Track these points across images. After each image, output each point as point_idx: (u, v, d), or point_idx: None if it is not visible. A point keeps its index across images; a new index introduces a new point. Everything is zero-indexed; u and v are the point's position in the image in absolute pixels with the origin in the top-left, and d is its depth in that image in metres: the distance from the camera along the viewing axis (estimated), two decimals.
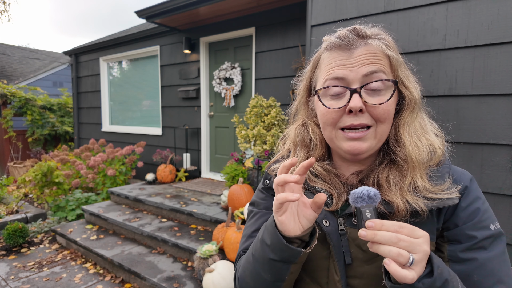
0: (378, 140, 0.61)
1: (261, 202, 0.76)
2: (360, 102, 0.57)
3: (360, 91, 0.58)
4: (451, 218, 0.59)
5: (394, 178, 0.60)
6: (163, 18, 3.96)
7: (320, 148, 0.69)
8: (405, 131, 0.62)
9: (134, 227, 3.07)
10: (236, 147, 4.27)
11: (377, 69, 0.58)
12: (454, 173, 0.62)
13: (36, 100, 7.13)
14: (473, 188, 0.61)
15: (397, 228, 0.47)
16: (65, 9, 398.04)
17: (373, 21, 1.99)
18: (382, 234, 0.47)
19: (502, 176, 1.65)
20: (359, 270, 0.60)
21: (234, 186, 2.92)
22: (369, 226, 0.48)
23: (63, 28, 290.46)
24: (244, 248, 0.73)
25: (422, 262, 0.46)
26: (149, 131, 5.21)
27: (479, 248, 0.57)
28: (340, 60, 0.60)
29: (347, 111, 0.59)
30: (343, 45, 0.60)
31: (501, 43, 1.62)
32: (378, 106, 0.58)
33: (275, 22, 3.61)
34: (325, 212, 0.63)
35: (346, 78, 0.59)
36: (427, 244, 0.47)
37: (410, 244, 0.46)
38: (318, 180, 0.67)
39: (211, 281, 2.05)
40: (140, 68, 5.39)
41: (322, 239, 0.64)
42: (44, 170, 3.93)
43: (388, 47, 0.60)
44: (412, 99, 0.62)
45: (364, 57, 0.58)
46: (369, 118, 0.59)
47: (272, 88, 3.70)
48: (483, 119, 1.69)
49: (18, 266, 2.81)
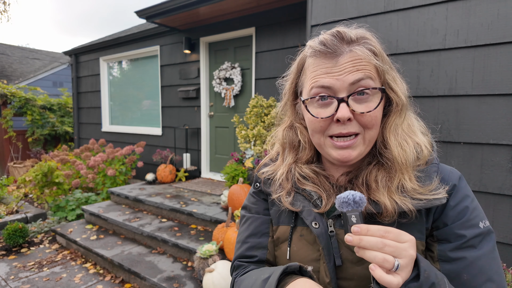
0: (367, 146, 0.61)
1: (252, 207, 0.76)
2: (348, 111, 0.57)
3: (348, 100, 0.57)
4: (440, 217, 0.59)
5: (382, 178, 0.60)
6: (163, 18, 3.96)
7: (309, 151, 0.69)
8: (392, 134, 0.61)
9: (134, 227, 3.07)
10: (236, 147, 4.27)
11: (363, 76, 0.57)
12: (442, 171, 0.62)
13: (36, 100, 7.13)
14: (462, 186, 0.61)
15: (383, 233, 0.48)
16: (67, 8, 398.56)
17: (373, 21, 2.00)
18: (367, 240, 0.47)
19: (502, 176, 1.65)
20: (350, 272, 0.60)
21: (234, 186, 2.92)
22: (355, 231, 0.48)
23: (64, 28, 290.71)
24: (239, 255, 0.73)
25: (408, 267, 0.47)
26: (149, 131, 5.21)
27: (468, 247, 0.57)
28: (325, 68, 0.58)
29: (335, 120, 0.58)
30: (328, 52, 0.58)
31: (501, 43, 1.62)
32: (366, 113, 0.57)
33: (275, 22, 3.61)
34: (314, 214, 0.63)
35: (332, 87, 0.58)
36: (413, 248, 0.48)
37: (395, 250, 0.46)
38: (308, 182, 0.67)
39: (211, 281, 2.05)
40: (140, 68, 5.39)
41: (312, 241, 0.64)
42: (44, 170, 3.93)
43: (373, 53, 0.59)
44: (399, 102, 0.61)
45: (349, 64, 0.57)
46: (357, 126, 0.58)
47: (272, 88, 3.70)
48: (483, 119, 1.69)
49: (18, 266, 2.81)
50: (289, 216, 0.68)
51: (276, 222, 0.71)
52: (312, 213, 0.63)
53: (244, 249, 0.73)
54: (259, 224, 0.73)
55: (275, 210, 0.71)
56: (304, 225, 0.66)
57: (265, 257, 0.71)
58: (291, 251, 0.66)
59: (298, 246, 0.66)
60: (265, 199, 0.75)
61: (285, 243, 0.68)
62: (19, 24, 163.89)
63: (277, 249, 0.71)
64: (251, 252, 0.72)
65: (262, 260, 0.71)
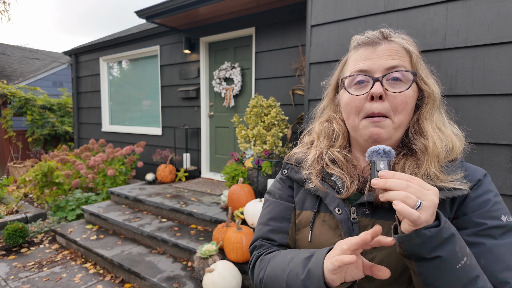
0: (396, 130, 0.63)
1: (277, 192, 0.79)
2: (381, 88, 0.61)
3: (382, 80, 0.62)
4: (461, 208, 0.60)
5: (410, 166, 0.62)
6: (163, 18, 3.96)
7: (342, 139, 0.74)
8: (428, 122, 0.65)
9: (134, 227, 3.07)
10: (236, 147, 4.27)
11: (398, 64, 0.62)
12: (467, 168, 0.64)
13: (36, 100, 7.13)
14: (486, 182, 0.62)
15: (408, 178, 0.49)
16: (68, 7, 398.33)
17: (373, 21, 2.00)
18: (393, 181, 0.49)
19: (502, 176, 1.65)
20: (369, 257, 0.61)
21: (234, 186, 2.92)
22: (382, 175, 0.51)
23: (65, 27, 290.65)
24: (261, 236, 0.76)
25: (430, 209, 0.47)
26: (149, 131, 5.21)
27: (487, 235, 0.57)
28: (365, 55, 0.65)
29: (369, 98, 0.62)
30: (369, 42, 0.65)
31: (501, 43, 1.62)
32: (398, 95, 0.61)
33: (275, 22, 3.61)
34: (338, 201, 0.66)
35: (369, 69, 0.64)
36: (436, 196, 0.49)
37: (418, 191, 0.48)
38: (335, 167, 0.69)
39: (211, 281, 2.05)
40: (140, 68, 5.39)
41: (334, 226, 0.66)
42: (45, 170, 3.93)
43: (409, 45, 0.65)
44: (431, 94, 0.65)
45: (387, 52, 0.63)
46: (388, 107, 0.62)
47: (272, 88, 3.70)
48: (483, 119, 1.69)
49: (18, 266, 2.81)
50: (313, 202, 0.71)
51: (300, 207, 0.74)
52: (335, 199, 0.66)
53: (266, 230, 0.76)
54: (282, 209, 0.76)
55: (300, 196, 0.74)
56: (327, 211, 0.68)
57: (285, 242, 0.74)
58: (312, 234, 0.69)
59: (320, 230, 0.68)
60: (290, 186, 0.78)
61: (307, 228, 0.70)
62: (19, 24, 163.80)
63: (298, 233, 0.73)
64: (272, 235, 0.75)
65: (282, 244, 0.75)
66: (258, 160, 3.01)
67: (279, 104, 3.25)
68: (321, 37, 2.19)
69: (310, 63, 2.25)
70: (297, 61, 3.44)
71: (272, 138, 3.03)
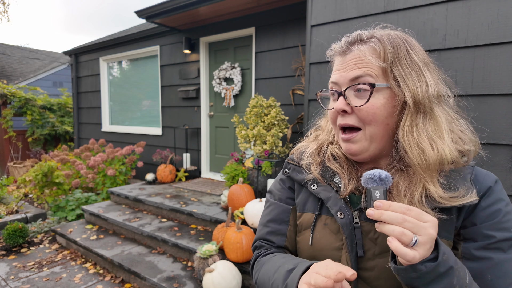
0: (371, 142, 0.61)
1: (276, 193, 0.79)
2: (343, 104, 0.61)
3: (345, 93, 0.62)
4: (469, 217, 0.58)
5: (402, 186, 0.59)
6: (163, 18, 3.96)
7: None
8: (406, 134, 0.58)
9: (134, 227, 3.07)
10: (236, 147, 4.27)
11: (362, 73, 0.59)
12: (477, 174, 0.60)
13: (36, 100, 7.13)
14: (497, 189, 0.59)
15: (404, 210, 0.48)
16: (68, 6, 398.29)
17: (373, 21, 2.00)
18: (388, 214, 0.48)
19: (502, 176, 1.65)
20: (371, 263, 0.60)
21: (234, 186, 2.92)
22: (377, 206, 0.49)
23: (66, 26, 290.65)
24: (261, 237, 0.77)
25: (427, 245, 0.46)
26: (149, 131, 5.21)
27: (496, 248, 0.55)
28: (337, 65, 0.65)
29: (336, 112, 0.64)
30: (339, 52, 0.65)
31: (501, 43, 1.62)
32: (362, 108, 0.60)
33: (275, 22, 3.61)
34: (341, 205, 0.64)
35: (338, 82, 0.63)
36: (434, 228, 0.47)
37: (415, 226, 0.46)
38: (335, 163, 0.69)
39: (211, 281, 2.05)
40: (140, 68, 5.39)
41: (336, 230, 0.65)
42: (45, 170, 3.93)
43: (378, 51, 0.59)
44: (411, 100, 0.57)
45: (353, 61, 0.61)
46: (357, 119, 0.61)
47: (272, 88, 3.70)
48: (483, 119, 1.69)
49: (18, 266, 2.81)
50: (315, 204, 0.70)
51: (301, 209, 0.73)
52: (338, 203, 0.65)
53: (265, 232, 0.76)
54: (280, 212, 0.76)
55: (302, 198, 0.73)
56: (329, 214, 0.67)
57: (283, 244, 0.74)
58: (313, 238, 0.68)
59: (322, 234, 0.67)
60: (290, 187, 0.77)
61: (308, 230, 0.69)
62: (19, 24, 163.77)
63: (299, 235, 0.72)
64: (270, 237, 0.75)
65: (280, 246, 0.75)
66: (258, 160, 3.01)
67: (279, 104, 3.25)
68: (321, 37, 2.19)
69: (310, 63, 2.25)
70: (297, 61, 3.44)
71: (272, 138, 3.03)
